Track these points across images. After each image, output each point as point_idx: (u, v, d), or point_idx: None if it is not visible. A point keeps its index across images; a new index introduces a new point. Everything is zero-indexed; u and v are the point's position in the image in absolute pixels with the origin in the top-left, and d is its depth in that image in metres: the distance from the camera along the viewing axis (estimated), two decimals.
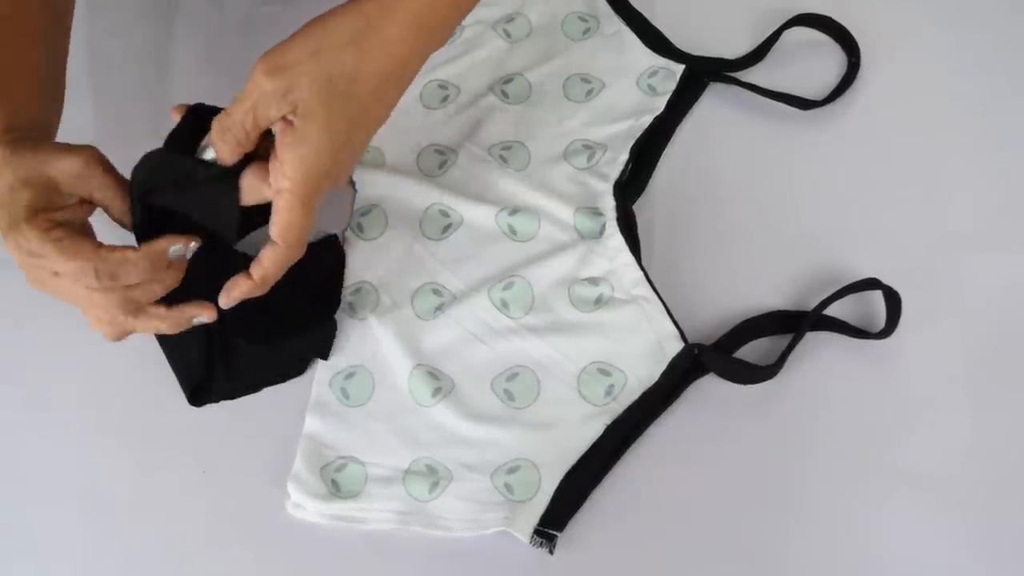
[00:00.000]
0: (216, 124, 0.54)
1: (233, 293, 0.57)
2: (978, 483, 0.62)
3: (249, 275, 0.57)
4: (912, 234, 0.70)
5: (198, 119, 0.55)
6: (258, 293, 0.57)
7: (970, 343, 0.66)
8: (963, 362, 0.66)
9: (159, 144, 0.56)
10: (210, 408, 0.67)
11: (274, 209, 0.54)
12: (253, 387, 0.67)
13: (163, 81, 0.80)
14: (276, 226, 0.54)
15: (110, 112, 0.79)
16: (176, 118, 0.56)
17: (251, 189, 0.55)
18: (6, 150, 0.54)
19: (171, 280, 0.56)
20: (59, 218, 0.54)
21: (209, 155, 0.55)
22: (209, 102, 0.57)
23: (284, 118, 0.52)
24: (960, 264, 0.69)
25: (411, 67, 0.55)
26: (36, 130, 0.58)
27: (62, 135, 0.78)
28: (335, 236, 0.70)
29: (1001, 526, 0.61)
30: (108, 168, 0.56)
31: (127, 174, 0.56)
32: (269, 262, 0.56)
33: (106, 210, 0.57)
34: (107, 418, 0.68)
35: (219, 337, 0.66)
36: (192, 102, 0.57)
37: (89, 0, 0.84)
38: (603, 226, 0.70)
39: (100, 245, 0.54)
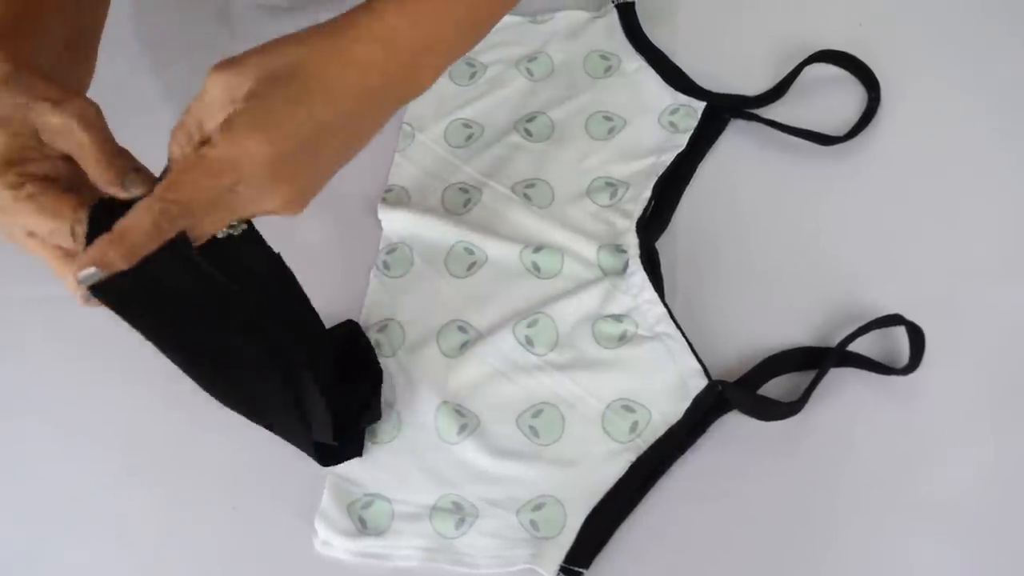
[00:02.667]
0: (173, 130, 0.49)
1: (83, 258, 0.45)
2: (1007, 516, 0.62)
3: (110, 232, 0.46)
4: (935, 268, 0.70)
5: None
6: (115, 254, 0.45)
7: (994, 377, 0.66)
8: (988, 396, 0.65)
9: None
10: (240, 445, 0.67)
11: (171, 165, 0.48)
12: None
13: None
14: (170, 173, 0.47)
15: (143, 151, 0.80)
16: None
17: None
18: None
19: None
20: (35, 171, 0.48)
21: None
22: None
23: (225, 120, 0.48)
24: (983, 297, 0.69)
25: (374, 88, 0.51)
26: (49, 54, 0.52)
27: None
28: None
29: None
30: (98, 131, 0.49)
31: None
32: (133, 214, 0.46)
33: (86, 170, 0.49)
34: (137, 454, 0.69)
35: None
36: None
37: (123, 41, 0.86)
38: (626, 263, 0.70)
39: (81, 201, 0.48)
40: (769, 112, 0.77)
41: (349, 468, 0.66)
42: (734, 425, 0.65)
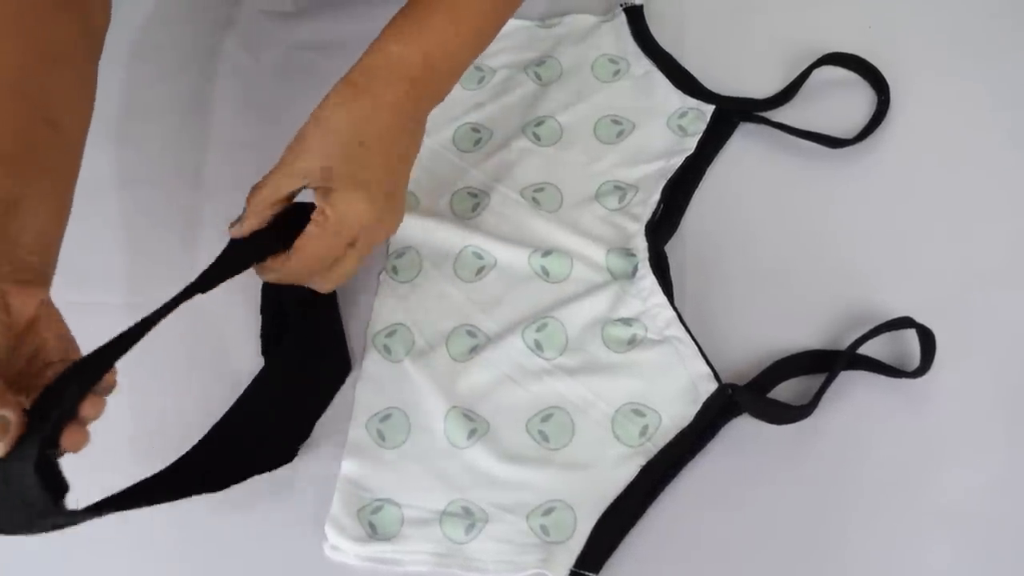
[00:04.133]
0: (250, 196, 0.60)
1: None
2: (1020, 519, 0.61)
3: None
4: (945, 271, 0.70)
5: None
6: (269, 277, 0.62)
7: (1006, 379, 0.66)
8: (1000, 398, 0.65)
9: (196, 191, 0.58)
10: None
11: (305, 232, 0.60)
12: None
13: (203, 127, 0.82)
14: (300, 239, 0.60)
15: (152, 157, 0.81)
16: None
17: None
18: None
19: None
20: None
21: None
22: (246, 146, 0.59)
23: (321, 188, 0.59)
24: (994, 299, 0.68)
25: (408, 113, 0.61)
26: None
27: (109, 178, 0.80)
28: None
29: None
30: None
31: (159, 223, 0.57)
32: (277, 263, 0.61)
33: None
34: (145, 459, 0.69)
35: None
36: (230, 147, 0.59)
37: (131, 49, 0.86)
38: (635, 267, 0.70)
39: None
40: (778, 115, 0.77)
41: (359, 473, 0.66)
42: (744, 429, 0.65)
